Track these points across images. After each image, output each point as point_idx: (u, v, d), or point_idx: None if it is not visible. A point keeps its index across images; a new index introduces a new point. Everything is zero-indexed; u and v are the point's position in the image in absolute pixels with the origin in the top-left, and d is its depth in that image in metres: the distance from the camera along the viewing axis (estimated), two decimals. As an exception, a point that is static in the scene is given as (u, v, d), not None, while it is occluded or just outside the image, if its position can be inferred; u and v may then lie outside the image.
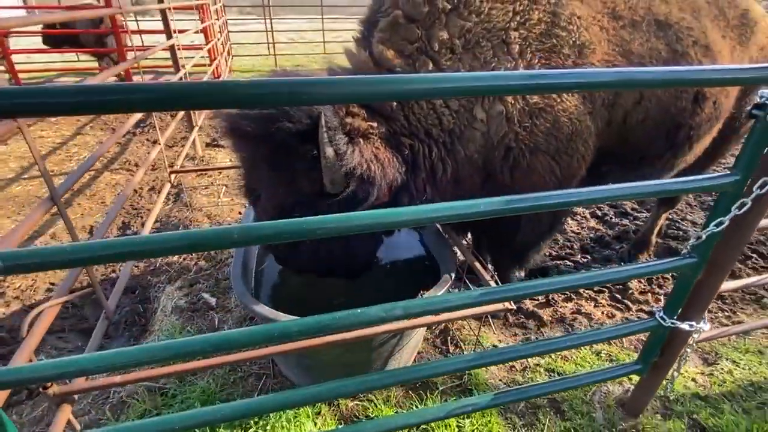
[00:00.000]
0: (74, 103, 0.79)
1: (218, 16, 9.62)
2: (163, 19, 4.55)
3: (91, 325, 3.02)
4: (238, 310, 2.93)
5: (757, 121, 1.32)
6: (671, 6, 2.24)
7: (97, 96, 0.79)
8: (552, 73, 1.06)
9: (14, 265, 0.90)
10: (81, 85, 0.80)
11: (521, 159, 2.12)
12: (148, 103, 0.86)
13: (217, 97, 0.87)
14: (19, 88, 0.77)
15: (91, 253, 0.92)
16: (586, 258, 3.65)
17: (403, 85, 0.96)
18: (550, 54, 2.03)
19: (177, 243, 0.95)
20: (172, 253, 1.04)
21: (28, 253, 0.91)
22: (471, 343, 2.67)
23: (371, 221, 1.08)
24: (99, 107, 0.82)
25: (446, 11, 1.94)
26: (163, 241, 0.96)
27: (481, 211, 1.14)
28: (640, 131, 2.30)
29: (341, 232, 1.07)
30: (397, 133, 1.97)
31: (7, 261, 0.89)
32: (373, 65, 1.97)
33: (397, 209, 1.12)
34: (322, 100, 1.08)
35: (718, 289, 1.73)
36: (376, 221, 1.08)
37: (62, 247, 0.91)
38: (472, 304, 1.33)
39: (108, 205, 4.52)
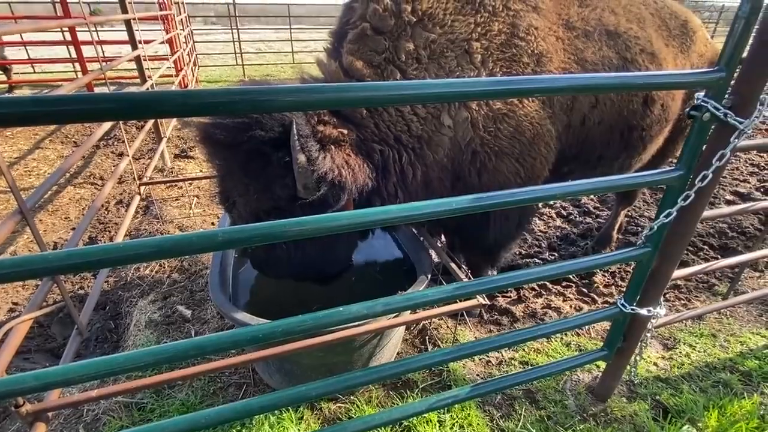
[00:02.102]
0: (50, 112, 0.81)
1: (183, 26, 9.48)
2: (128, 29, 4.47)
3: (58, 344, 2.92)
4: (215, 321, 2.90)
5: (695, 120, 1.46)
6: (619, 17, 2.43)
7: (72, 105, 0.81)
8: (514, 79, 1.16)
9: None
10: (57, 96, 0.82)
11: (487, 162, 2.23)
12: (115, 112, 0.88)
13: (188, 104, 0.90)
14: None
15: (73, 260, 0.93)
16: (554, 255, 3.82)
17: (370, 92, 1.02)
18: (510, 63, 2.15)
19: (160, 247, 0.97)
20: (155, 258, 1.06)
21: (11, 263, 0.92)
22: (449, 342, 2.74)
23: (348, 222, 1.13)
24: (72, 117, 0.85)
25: (412, 24, 2.03)
26: (150, 246, 0.98)
27: (453, 208, 1.22)
28: (597, 133, 2.46)
29: (319, 232, 1.12)
30: (368, 139, 2.04)
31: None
32: (342, 75, 2.03)
33: (372, 209, 1.18)
34: (293, 106, 1.13)
35: (671, 275, 1.88)
36: (353, 221, 1.14)
37: (43, 256, 0.91)
38: (448, 298, 1.41)
39: (72, 220, 4.36)
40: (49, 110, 0.82)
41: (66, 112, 0.83)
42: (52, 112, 0.82)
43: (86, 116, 0.86)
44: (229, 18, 12.35)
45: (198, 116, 1.76)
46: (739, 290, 3.31)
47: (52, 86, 10.06)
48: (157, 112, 0.96)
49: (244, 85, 2.25)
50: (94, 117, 0.88)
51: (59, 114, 0.83)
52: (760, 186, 5.23)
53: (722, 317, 3.07)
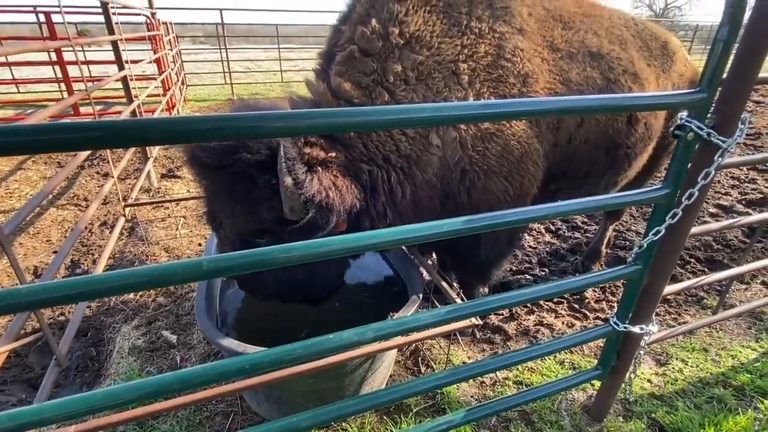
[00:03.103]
0: (31, 142, 0.79)
1: (171, 46, 9.51)
2: (115, 50, 4.46)
3: (36, 374, 2.80)
4: (201, 346, 2.81)
5: (680, 140, 1.49)
6: (602, 39, 2.49)
7: (53, 135, 0.79)
8: (502, 102, 1.16)
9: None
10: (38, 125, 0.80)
11: (476, 181, 2.24)
12: (100, 140, 0.86)
13: (176, 132, 0.88)
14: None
15: (50, 294, 0.89)
16: (544, 271, 3.82)
17: (359, 117, 1.02)
18: (497, 83, 2.18)
19: (144, 278, 0.94)
20: (137, 290, 1.02)
21: (-19, 297, 0.87)
22: (442, 362, 2.70)
23: (337, 247, 1.11)
24: (56, 146, 0.82)
25: (399, 46, 2.06)
26: (130, 277, 0.94)
27: (445, 231, 1.20)
28: (584, 151, 2.50)
29: (307, 259, 1.09)
30: (356, 159, 2.04)
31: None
32: (331, 96, 2.04)
33: (362, 234, 1.16)
34: (281, 133, 1.12)
35: (662, 292, 1.88)
36: (342, 247, 1.11)
37: (17, 290, 0.87)
38: (441, 321, 1.38)
39: (54, 243, 4.25)
40: (29, 140, 0.79)
41: (48, 142, 0.80)
42: (34, 141, 0.79)
43: (70, 145, 0.83)
44: (217, 38, 12.44)
45: (185, 143, 1.76)
46: (727, 303, 3.34)
47: (36, 106, 9.94)
48: (144, 140, 0.94)
49: (233, 105, 2.24)
50: (79, 146, 0.85)
51: (42, 143, 0.80)
52: (741, 198, 5.34)
53: (712, 331, 3.08)
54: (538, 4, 2.38)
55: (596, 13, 2.59)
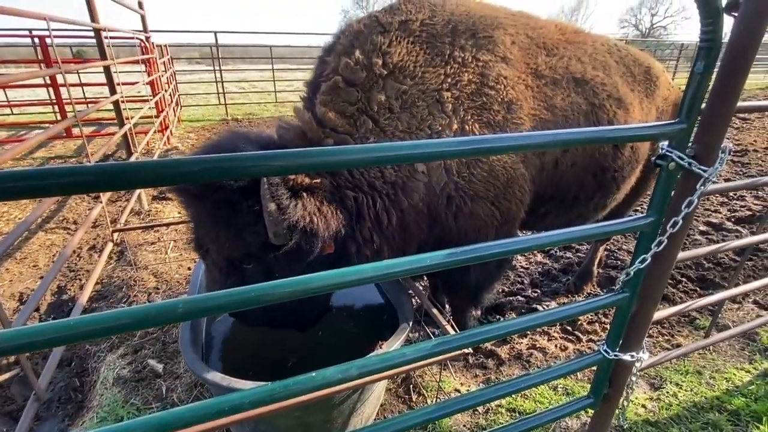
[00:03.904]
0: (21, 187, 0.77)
1: (166, 68, 9.60)
2: (107, 74, 4.48)
3: (18, 406, 2.71)
4: (188, 376, 2.75)
5: (662, 169, 1.50)
6: (586, 65, 2.54)
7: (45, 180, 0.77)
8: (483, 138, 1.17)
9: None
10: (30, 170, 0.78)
11: (463, 206, 2.24)
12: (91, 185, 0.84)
13: (158, 176, 0.87)
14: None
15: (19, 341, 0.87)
16: (537, 292, 3.80)
17: (334, 156, 1.01)
18: (481, 110, 2.21)
19: (117, 322, 0.91)
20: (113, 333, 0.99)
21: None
22: (433, 389, 2.65)
23: (317, 284, 1.09)
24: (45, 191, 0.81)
25: (383, 76, 2.08)
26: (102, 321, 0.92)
27: (428, 265, 1.19)
28: (571, 175, 2.51)
29: (291, 296, 1.08)
30: (341, 186, 2.04)
31: None
32: (315, 125, 2.05)
33: (345, 270, 1.14)
34: (264, 173, 1.11)
35: (652, 318, 1.87)
36: (324, 283, 1.10)
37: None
38: (429, 355, 1.35)
39: (42, 268, 4.18)
40: (20, 185, 0.77)
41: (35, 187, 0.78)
42: (24, 186, 0.77)
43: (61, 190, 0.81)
44: (212, 59, 12.58)
45: (175, 185, 1.75)
46: (720, 323, 3.33)
47: (30, 128, 9.94)
48: (138, 183, 0.92)
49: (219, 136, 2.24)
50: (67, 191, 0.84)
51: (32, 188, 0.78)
52: (731, 216, 5.39)
53: (706, 353, 3.06)
54: (522, 32, 2.43)
55: (580, 40, 2.65)
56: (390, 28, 2.12)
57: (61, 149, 8.26)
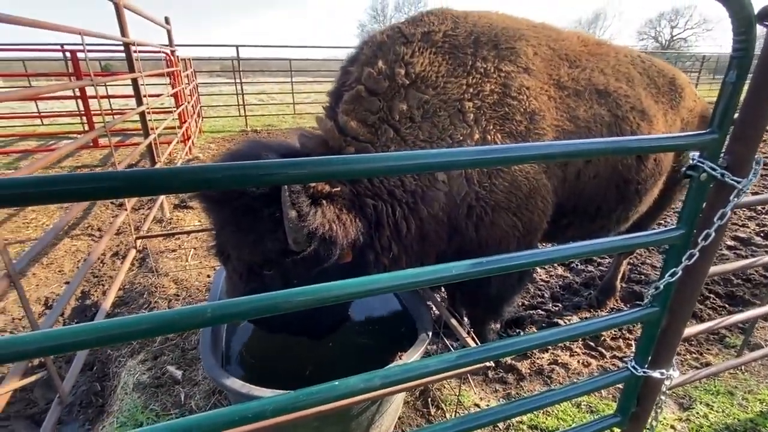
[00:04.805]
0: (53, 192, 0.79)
1: (189, 80, 9.88)
2: (134, 87, 4.64)
3: (40, 409, 2.76)
4: (206, 383, 2.76)
5: (693, 180, 1.46)
6: (608, 77, 2.51)
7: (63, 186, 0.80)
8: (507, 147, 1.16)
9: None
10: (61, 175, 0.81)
11: (484, 216, 2.22)
12: (119, 190, 0.87)
13: (183, 182, 0.89)
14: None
15: (48, 343, 0.88)
16: (558, 306, 3.72)
17: (358, 165, 1.02)
18: (503, 121, 2.20)
19: (149, 325, 0.92)
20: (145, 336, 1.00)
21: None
22: (452, 403, 2.60)
23: (341, 292, 1.09)
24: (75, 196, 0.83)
25: (405, 86, 2.10)
26: (134, 324, 0.93)
27: (453, 275, 1.18)
28: (593, 186, 2.48)
29: (314, 304, 1.08)
30: (361, 194, 2.05)
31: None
32: (337, 133, 2.08)
33: (364, 279, 1.14)
34: (286, 180, 1.12)
35: (682, 334, 1.80)
36: (346, 291, 1.09)
37: (20, 338, 0.86)
38: (451, 367, 1.33)
39: (66, 274, 4.29)
40: (57, 190, 0.79)
41: (69, 192, 0.81)
42: (55, 192, 0.80)
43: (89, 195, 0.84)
44: (233, 72, 12.91)
45: (199, 191, 1.79)
46: (751, 342, 3.19)
47: (58, 138, 10.31)
48: (165, 189, 0.94)
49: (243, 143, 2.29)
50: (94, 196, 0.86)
51: (63, 193, 0.81)
52: (759, 231, 5.22)
53: (737, 372, 2.93)
54: (544, 43, 2.43)
55: (602, 52, 2.63)
56: (413, 39, 2.15)
57: (87, 159, 8.54)
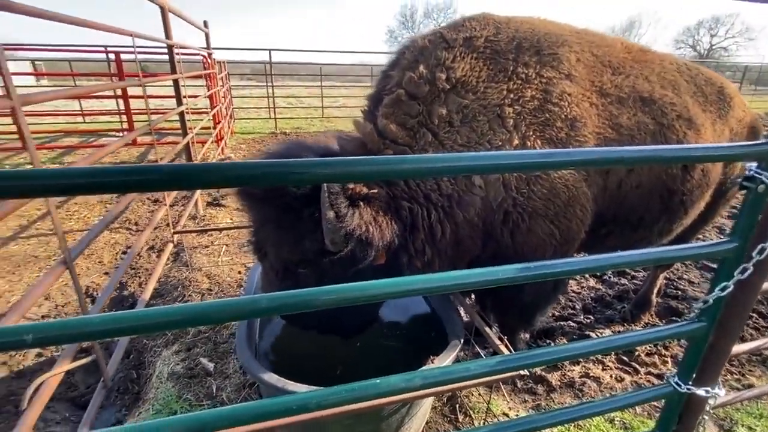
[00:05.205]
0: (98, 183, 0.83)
1: (223, 83, 10.17)
2: (175, 87, 4.81)
3: (80, 392, 2.89)
4: (237, 376, 2.82)
5: (749, 192, 1.41)
6: (653, 84, 2.45)
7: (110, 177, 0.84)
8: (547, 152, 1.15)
9: (44, 338, 0.90)
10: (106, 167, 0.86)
11: (521, 223, 2.20)
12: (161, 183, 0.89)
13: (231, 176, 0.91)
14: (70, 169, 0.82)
15: (124, 324, 0.93)
16: (589, 318, 3.63)
17: (394, 166, 1.03)
18: (544, 127, 2.18)
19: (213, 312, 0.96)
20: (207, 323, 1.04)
21: (60, 325, 0.92)
22: (480, 411, 2.57)
23: (394, 289, 1.11)
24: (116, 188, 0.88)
25: (445, 90, 2.11)
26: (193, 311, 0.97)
27: (499, 278, 1.17)
28: (635, 196, 2.41)
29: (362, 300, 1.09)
30: (397, 196, 2.06)
31: (37, 334, 0.89)
32: (377, 136, 2.11)
33: (413, 278, 1.15)
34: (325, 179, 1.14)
35: (730, 351, 1.73)
36: (400, 288, 1.11)
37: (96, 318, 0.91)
38: (491, 372, 1.32)
39: (106, 264, 4.48)
40: (97, 181, 0.83)
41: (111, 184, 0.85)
42: (100, 183, 0.84)
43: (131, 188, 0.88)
44: (264, 75, 13.22)
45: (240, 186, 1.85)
46: (798, 366, 3.03)
47: (98, 135, 10.79)
48: (197, 184, 0.97)
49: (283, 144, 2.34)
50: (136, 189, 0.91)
51: (106, 185, 0.85)
52: (807, 250, 4.95)
53: (783, 397, 2.79)
54: (587, 50, 2.39)
55: (647, 59, 2.57)
56: (454, 44, 2.16)
57: (125, 156, 8.90)
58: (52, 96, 2.10)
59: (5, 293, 3.89)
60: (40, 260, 4.51)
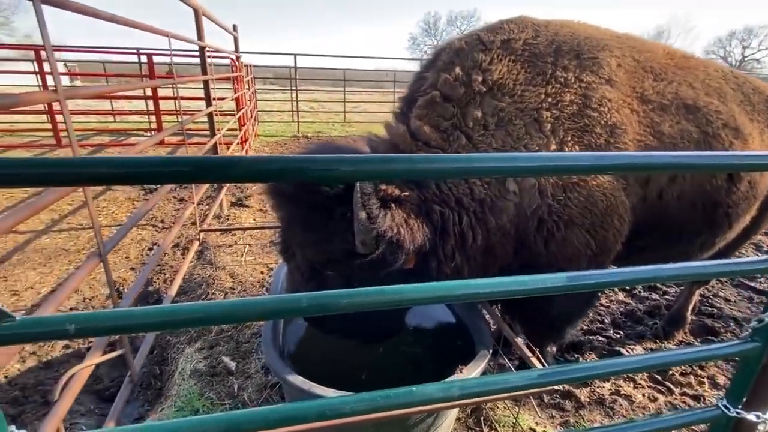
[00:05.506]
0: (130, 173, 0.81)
1: (249, 86, 10.35)
2: (205, 88, 4.90)
3: (105, 386, 2.92)
4: (258, 376, 2.81)
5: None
6: (698, 91, 2.36)
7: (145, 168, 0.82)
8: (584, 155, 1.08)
9: (85, 329, 0.89)
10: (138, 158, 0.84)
11: (555, 231, 2.13)
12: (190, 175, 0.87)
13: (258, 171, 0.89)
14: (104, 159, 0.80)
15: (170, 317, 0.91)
16: (619, 333, 3.50)
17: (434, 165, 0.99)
18: (582, 133, 2.11)
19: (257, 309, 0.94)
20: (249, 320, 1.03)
21: (104, 316, 0.91)
22: (506, 425, 2.48)
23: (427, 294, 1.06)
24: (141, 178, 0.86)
25: (481, 93, 2.07)
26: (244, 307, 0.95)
27: (547, 287, 1.12)
28: (676, 208, 2.32)
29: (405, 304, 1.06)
30: (428, 200, 2.02)
31: (80, 324, 0.88)
32: (409, 138, 2.07)
33: (456, 283, 1.10)
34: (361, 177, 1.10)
35: (783, 376, 1.63)
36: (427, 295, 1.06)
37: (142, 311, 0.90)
38: (531, 385, 1.26)
39: (132, 260, 4.56)
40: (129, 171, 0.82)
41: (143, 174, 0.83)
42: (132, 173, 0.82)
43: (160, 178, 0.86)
44: (289, 80, 13.41)
45: (270, 181, 1.84)
46: None
47: (127, 135, 11.09)
48: (228, 177, 0.95)
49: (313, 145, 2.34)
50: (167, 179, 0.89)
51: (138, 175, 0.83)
52: None
53: (832, 426, 2.61)
54: (628, 55, 2.32)
55: (690, 65, 2.48)
56: (492, 47, 2.12)
57: (153, 154, 9.11)
58: (93, 92, 2.16)
59: (36, 284, 4.00)
60: (70, 253, 4.62)
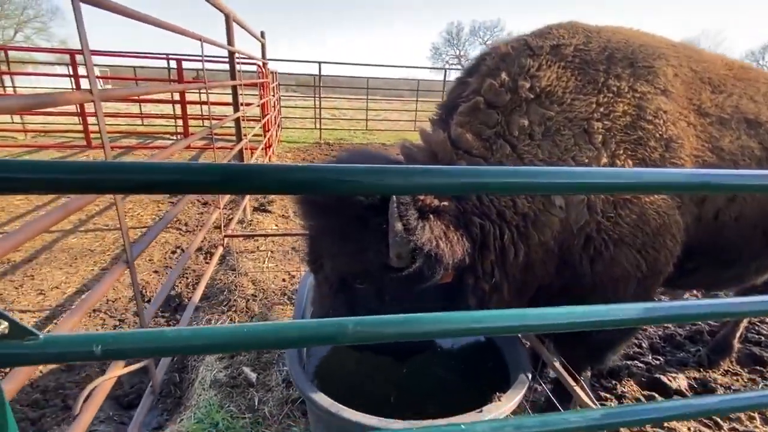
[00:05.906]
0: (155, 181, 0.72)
1: (274, 92, 10.45)
2: (233, 94, 4.92)
3: (125, 392, 2.87)
4: (279, 390, 2.72)
5: None
6: (759, 105, 2.19)
7: None
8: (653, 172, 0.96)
9: (113, 351, 0.81)
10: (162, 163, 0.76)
11: (603, 251, 1.99)
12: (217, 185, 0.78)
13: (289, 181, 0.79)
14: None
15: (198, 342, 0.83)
16: (658, 359, 3.28)
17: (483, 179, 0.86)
18: (636, 146, 1.98)
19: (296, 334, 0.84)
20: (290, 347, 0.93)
21: (132, 337, 0.82)
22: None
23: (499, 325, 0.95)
24: None
25: (528, 100, 1.96)
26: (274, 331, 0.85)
27: (620, 319, 0.99)
28: (734, 229, 2.14)
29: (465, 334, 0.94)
30: (468, 211, 1.91)
31: (107, 346, 0.80)
32: (450, 146, 1.97)
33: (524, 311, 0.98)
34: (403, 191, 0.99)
35: None
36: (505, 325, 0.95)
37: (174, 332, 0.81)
38: (594, 427, 1.13)
39: (155, 262, 4.56)
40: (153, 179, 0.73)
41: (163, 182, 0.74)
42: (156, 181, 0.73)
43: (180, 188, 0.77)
44: (313, 87, 13.53)
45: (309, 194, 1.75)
46: None
47: (154, 138, 11.32)
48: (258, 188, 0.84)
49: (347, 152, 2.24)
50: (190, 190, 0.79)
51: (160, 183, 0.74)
52: None
53: None
54: (685, 64, 2.18)
55: (750, 77, 2.31)
56: (540, 52, 2.01)
57: (178, 158, 9.25)
58: (125, 93, 2.13)
59: (61, 284, 4.03)
60: (95, 254, 4.66)
